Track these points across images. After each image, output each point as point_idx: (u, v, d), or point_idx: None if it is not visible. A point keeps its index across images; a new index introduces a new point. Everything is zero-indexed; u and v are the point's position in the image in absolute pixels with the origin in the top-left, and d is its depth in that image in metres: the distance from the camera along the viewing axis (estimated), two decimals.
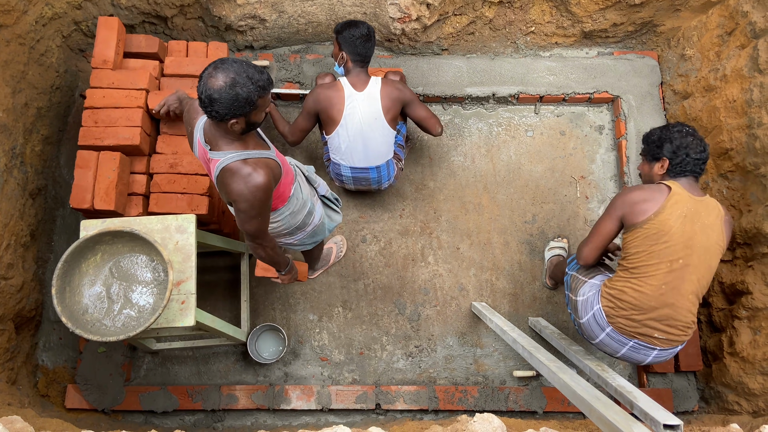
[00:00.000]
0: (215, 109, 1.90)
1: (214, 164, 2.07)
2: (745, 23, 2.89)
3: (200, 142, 2.12)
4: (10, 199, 2.88)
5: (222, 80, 1.87)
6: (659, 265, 2.26)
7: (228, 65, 1.89)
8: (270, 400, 3.08)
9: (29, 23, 3.03)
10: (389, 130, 2.98)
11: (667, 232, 2.23)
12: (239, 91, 1.88)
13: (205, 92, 1.88)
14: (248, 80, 1.90)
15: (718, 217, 2.30)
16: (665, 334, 2.33)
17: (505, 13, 3.49)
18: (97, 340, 2.08)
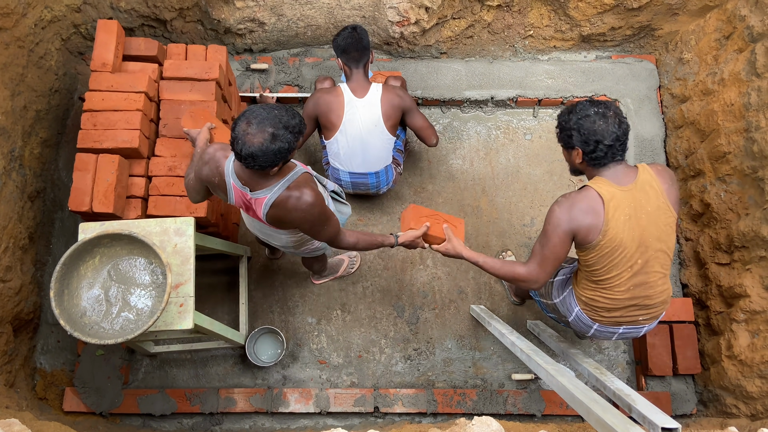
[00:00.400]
0: (258, 163, 1.90)
1: (259, 203, 2.09)
2: (742, 27, 2.90)
3: (236, 187, 2.12)
4: (9, 201, 2.88)
5: (261, 136, 1.86)
6: (621, 273, 2.16)
7: (261, 117, 1.88)
8: (268, 403, 3.08)
9: (28, 26, 3.03)
10: (389, 137, 2.99)
11: (620, 243, 2.09)
12: (280, 144, 1.89)
13: (245, 150, 1.87)
14: (285, 130, 1.90)
15: (658, 194, 2.08)
16: (648, 313, 2.28)
17: (503, 16, 3.50)
18: (95, 342, 2.07)
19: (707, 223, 3.14)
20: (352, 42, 2.79)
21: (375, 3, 3.33)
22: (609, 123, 2.00)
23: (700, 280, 3.20)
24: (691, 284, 3.25)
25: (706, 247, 3.13)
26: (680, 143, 3.40)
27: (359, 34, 2.80)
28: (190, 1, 3.35)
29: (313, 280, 3.34)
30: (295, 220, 2.11)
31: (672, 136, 3.49)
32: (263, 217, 2.13)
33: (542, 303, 2.65)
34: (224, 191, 2.19)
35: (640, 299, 2.22)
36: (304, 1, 3.32)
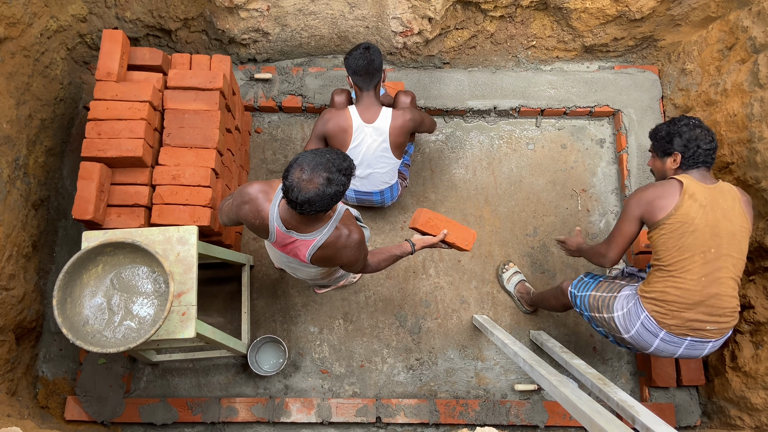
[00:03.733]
0: (314, 209, 1.92)
1: (307, 245, 2.12)
2: (745, 38, 2.91)
3: (279, 231, 2.13)
4: (13, 210, 2.89)
5: (317, 182, 1.87)
6: (693, 257, 2.26)
7: (315, 164, 1.89)
8: (270, 413, 3.07)
9: (34, 36, 3.06)
10: (395, 162, 3.00)
11: (691, 222, 2.24)
12: (336, 188, 1.91)
13: (301, 197, 1.88)
14: (339, 173, 1.91)
15: (735, 199, 2.30)
16: (716, 324, 2.32)
17: (506, 27, 3.52)
18: (97, 351, 2.07)
19: None
20: (364, 64, 2.75)
21: (378, 13, 3.34)
22: (704, 130, 2.37)
23: None
24: None
25: None
26: None
27: (371, 54, 2.75)
28: (194, 11, 3.37)
29: (315, 290, 3.33)
30: (343, 257, 2.17)
31: None
32: (307, 258, 2.15)
33: (593, 317, 2.65)
34: (265, 232, 2.19)
35: (712, 299, 2.28)
36: (308, 11, 3.34)
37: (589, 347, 3.31)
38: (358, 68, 2.76)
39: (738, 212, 2.29)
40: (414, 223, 2.52)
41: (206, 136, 2.87)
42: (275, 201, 2.12)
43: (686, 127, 2.39)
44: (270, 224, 2.14)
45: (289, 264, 2.47)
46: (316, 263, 2.23)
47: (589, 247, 2.69)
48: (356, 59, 2.75)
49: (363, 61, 2.74)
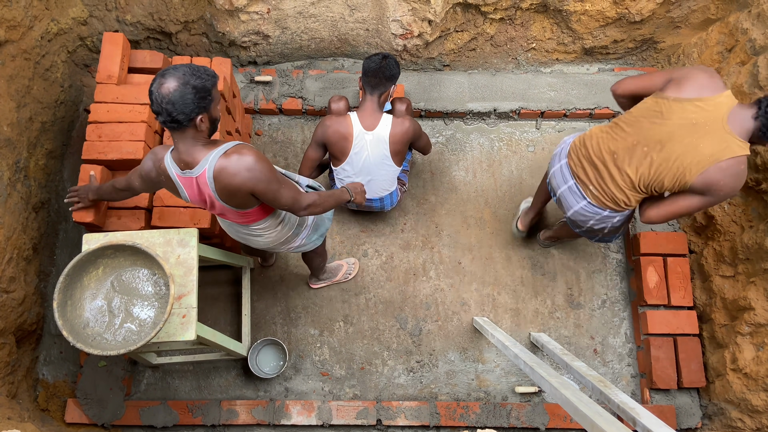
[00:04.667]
0: (177, 110, 1.85)
1: (203, 178, 2.01)
2: (744, 40, 2.91)
3: (180, 177, 2.06)
4: (13, 212, 2.89)
5: (174, 82, 1.84)
6: (629, 137, 2.33)
7: (172, 70, 1.87)
8: (270, 416, 3.07)
9: (35, 39, 3.06)
10: (395, 169, 3.01)
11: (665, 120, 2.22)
12: (195, 83, 1.85)
13: (163, 100, 1.83)
14: (197, 72, 1.87)
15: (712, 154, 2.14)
16: (597, 189, 2.49)
17: (506, 29, 3.52)
18: (97, 353, 2.07)
19: (711, 236, 3.13)
20: (375, 68, 2.75)
21: (378, 16, 3.35)
22: None
23: (704, 293, 3.19)
24: (695, 297, 3.24)
25: (710, 259, 3.12)
26: None
27: (387, 64, 2.76)
28: (195, 14, 3.38)
29: (310, 284, 3.33)
30: (245, 183, 2.00)
31: None
32: (214, 194, 2.04)
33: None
34: (173, 187, 2.14)
35: (604, 167, 2.43)
36: (308, 14, 3.34)
37: (590, 349, 3.31)
38: (369, 69, 2.77)
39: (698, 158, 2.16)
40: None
41: None
42: (167, 152, 2.08)
43: None
44: (169, 172, 2.08)
45: (237, 233, 2.42)
46: (231, 202, 2.10)
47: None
48: (371, 61, 2.77)
49: (375, 65, 2.76)
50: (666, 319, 3.17)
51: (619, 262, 3.44)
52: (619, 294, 3.40)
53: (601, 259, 3.44)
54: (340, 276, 3.32)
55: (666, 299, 3.20)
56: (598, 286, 3.40)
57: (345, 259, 3.37)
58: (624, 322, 3.35)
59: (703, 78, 2.19)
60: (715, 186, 2.18)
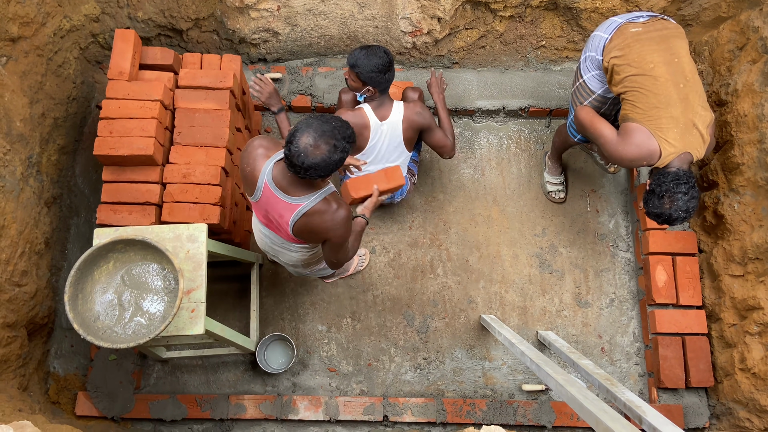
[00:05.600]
0: (318, 174, 1.97)
1: (292, 209, 2.13)
2: (756, 38, 2.89)
3: (269, 188, 2.15)
4: (26, 207, 2.92)
5: (324, 148, 1.93)
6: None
7: (322, 130, 1.94)
8: (278, 411, 3.09)
9: (47, 35, 3.09)
10: (407, 154, 3.01)
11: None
12: (341, 155, 1.96)
13: (308, 162, 1.93)
14: (344, 141, 1.97)
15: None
16: None
17: (515, 27, 3.51)
18: (107, 347, 2.10)
19: (721, 235, 3.12)
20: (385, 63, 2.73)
21: (388, 13, 3.36)
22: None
23: (713, 292, 3.17)
24: (704, 296, 3.22)
25: (720, 258, 3.11)
26: None
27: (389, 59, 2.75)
28: (205, 11, 3.40)
29: (324, 279, 3.35)
30: (326, 231, 2.17)
31: None
32: (290, 224, 2.16)
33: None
34: (252, 184, 2.22)
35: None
36: (317, 11, 3.35)
37: (597, 348, 3.30)
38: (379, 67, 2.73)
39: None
40: (349, 199, 2.54)
41: (216, 135, 2.90)
42: (272, 159, 2.15)
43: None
44: (259, 179, 2.16)
45: (272, 244, 2.48)
46: (299, 234, 2.22)
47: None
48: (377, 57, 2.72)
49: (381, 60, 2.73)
50: (674, 319, 3.15)
51: (628, 261, 3.44)
52: (627, 293, 3.39)
53: (610, 258, 3.44)
54: (353, 269, 3.34)
55: (675, 298, 3.19)
56: (606, 284, 3.40)
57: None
58: (632, 321, 3.35)
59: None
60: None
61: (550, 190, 3.51)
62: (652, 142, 2.48)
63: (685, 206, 2.48)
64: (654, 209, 2.54)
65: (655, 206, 2.53)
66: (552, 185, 3.50)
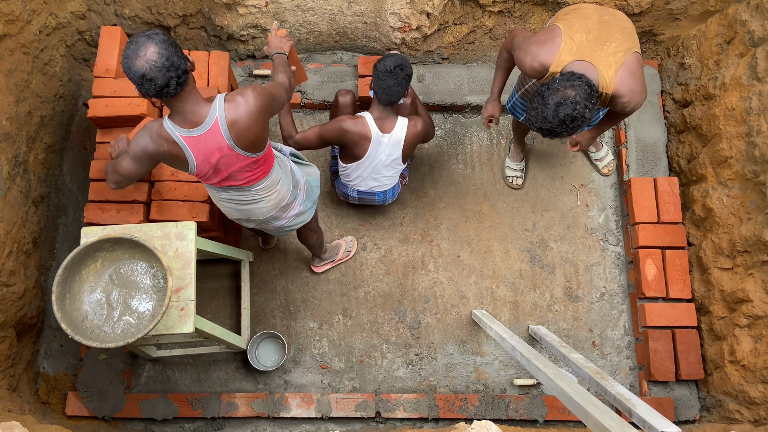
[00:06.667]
0: (176, 70, 1.87)
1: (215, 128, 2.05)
2: (743, 32, 2.90)
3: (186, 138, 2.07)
4: (13, 206, 2.90)
5: (153, 47, 1.83)
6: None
7: (138, 40, 1.84)
8: (270, 408, 3.08)
9: (33, 33, 3.06)
10: (401, 167, 3.03)
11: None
12: (165, 38, 1.87)
13: (157, 68, 1.83)
14: (153, 32, 1.87)
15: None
16: None
17: (505, 22, 3.51)
18: (96, 346, 2.08)
19: (710, 228, 3.13)
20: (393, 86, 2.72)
21: (377, 9, 3.34)
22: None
23: (702, 285, 3.19)
24: (694, 289, 3.24)
25: (709, 251, 3.12)
26: (682, 148, 3.40)
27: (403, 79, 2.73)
28: (193, 8, 3.38)
29: (314, 267, 3.34)
30: (255, 110, 2.09)
31: (674, 140, 3.49)
32: (228, 141, 2.08)
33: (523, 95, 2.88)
34: (179, 155, 2.12)
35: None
36: (306, 7, 3.34)
37: (588, 342, 3.32)
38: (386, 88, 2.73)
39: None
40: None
41: None
42: (165, 119, 2.08)
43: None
44: (175, 139, 2.07)
45: (239, 207, 2.44)
46: (242, 144, 2.12)
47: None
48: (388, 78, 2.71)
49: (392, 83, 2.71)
50: (664, 312, 3.17)
51: (618, 255, 3.45)
52: (617, 287, 3.40)
53: (600, 252, 3.45)
54: (341, 254, 3.34)
55: (664, 292, 3.20)
56: (597, 278, 3.41)
57: (343, 238, 3.40)
58: (622, 315, 3.36)
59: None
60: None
61: (508, 175, 3.53)
62: (557, 34, 2.32)
63: (558, 112, 2.19)
64: (530, 113, 2.28)
65: (531, 116, 2.28)
66: (511, 170, 3.52)
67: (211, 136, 2.07)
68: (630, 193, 3.37)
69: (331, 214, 3.49)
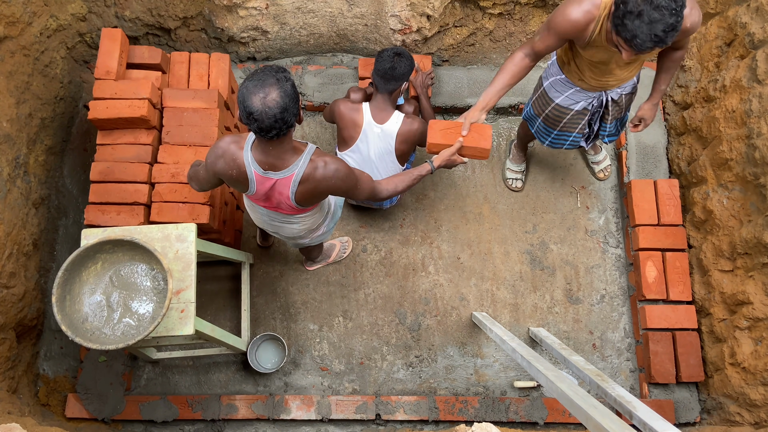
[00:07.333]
0: (286, 121, 1.90)
1: (286, 183, 2.11)
2: (743, 34, 2.90)
3: (258, 174, 2.12)
4: (13, 208, 2.90)
5: (274, 90, 1.86)
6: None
7: (258, 80, 1.87)
8: (270, 410, 3.08)
9: (34, 35, 3.07)
10: (398, 167, 3.02)
11: None
12: (289, 86, 1.89)
13: (270, 113, 1.86)
14: (280, 72, 1.90)
15: None
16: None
17: (505, 24, 3.52)
18: (96, 348, 2.08)
19: (710, 230, 3.13)
20: (386, 67, 2.76)
21: (377, 11, 3.35)
22: None
23: (703, 288, 3.19)
24: (694, 291, 3.24)
25: (709, 254, 3.12)
26: (682, 150, 3.40)
27: (398, 62, 2.76)
28: (194, 10, 3.38)
29: (306, 266, 3.35)
30: (329, 188, 2.15)
31: (674, 143, 3.49)
32: (291, 196, 2.14)
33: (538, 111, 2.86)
34: (244, 182, 2.18)
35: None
36: (306, 9, 3.34)
37: (589, 344, 3.31)
38: (379, 68, 2.79)
39: None
40: (432, 141, 2.46)
41: (205, 134, 2.88)
42: (247, 146, 2.11)
43: None
44: (247, 170, 2.12)
45: (271, 222, 2.46)
46: (302, 202, 2.20)
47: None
48: (383, 60, 2.78)
49: (387, 64, 2.77)
50: (665, 314, 3.17)
51: (618, 257, 3.45)
52: (617, 289, 3.40)
53: (600, 254, 3.45)
54: (335, 255, 3.35)
55: (665, 294, 3.20)
56: (597, 281, 3.41)
57: (338, 238, 3.40)
58: (623, 317, 3.36)
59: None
60: None
61: (508, 177, 3.52)
62: None
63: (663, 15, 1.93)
64: (627, 22, 1.99)
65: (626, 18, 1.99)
66: (512, 173, 3.52)
67: (282, 184, 2.13)
68: (630, 196, 3.37)
69: None
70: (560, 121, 2.79)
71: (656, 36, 1.98)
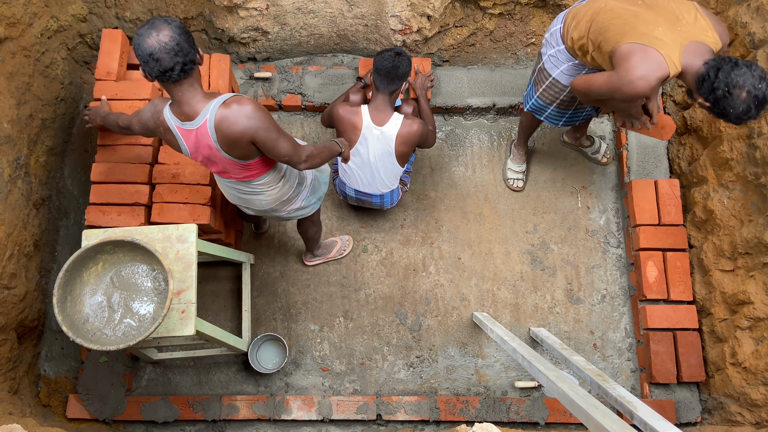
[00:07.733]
0: (183, 57, 1.88)
1: (203, 129, 2.05)
2: (744, 34, 2.90)
3: (180, 129, 2.09)
4: (14, 209, 2.90)
5: (167, 30, 1.85)
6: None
7: (155, 22, 1.86)
8: (271, 411, 3.08)
9: (34, 36, 3.07)
10: (398, 168, 3.02)
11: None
12: (181, 25, 1.89)
13: (165, 50, 1.84)
14: (172, 18, 1.90)
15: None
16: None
17: (505, 24, 3.52)
18: (97, 349, 2.08)
19: (711, 230, 3.13)
20: (388, 66, 2.76)
21: (377, 11, 3.35)
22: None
23: (703, 287, 3.18)
24: (695, 291, 3.24)
25: (710, 254, 3.12)
26: (683, 150, 3.40)
27: (399, 61, 2.76)
28: (194, 10, 3.38)
29: (305, 260, 3.35)
30: (246, 131, 2.04)
31: (675, 142, 3.49)
32: (216, 144, 2.08)
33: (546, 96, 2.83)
34: (175, 144, 2.17)
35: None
36: (307, 10, 3.34)
37: (590, 344, 3.31)
38: (381, 68, 2.78)
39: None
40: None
41: None
42: (167, 105, 2.10)
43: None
44: (170, 125, 2.10)
45: (239, 195, 2.45)
46: (230, 151, 2.12)
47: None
48: (383, 59, 2.77)
49: (388, 63, 2.76)
50: (665, 314, 3.17)
51: (619, 257, 3.45)
52: (618, 289, 3.40)
53: (601, 254, 3.45)
54: (335, 252, 3.35)
55: (665, 294, 3.20)
56: (598, 281, 3.41)
57: (339, 236, 3.40)
58: (624, 317, 3.36)
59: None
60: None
61: (509, 177, 3.52)
62: (646, 48, 2.14)
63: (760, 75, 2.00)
64: (736, 108, 2.04)
65: (734, 105, 2.04)
66: (513, 173, 3.51)
67: (201, 133, 2.08)
68: (631, 195, 3.37)
69: (332, 216, 3.49)
70: (575, 101, 2.81)
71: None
